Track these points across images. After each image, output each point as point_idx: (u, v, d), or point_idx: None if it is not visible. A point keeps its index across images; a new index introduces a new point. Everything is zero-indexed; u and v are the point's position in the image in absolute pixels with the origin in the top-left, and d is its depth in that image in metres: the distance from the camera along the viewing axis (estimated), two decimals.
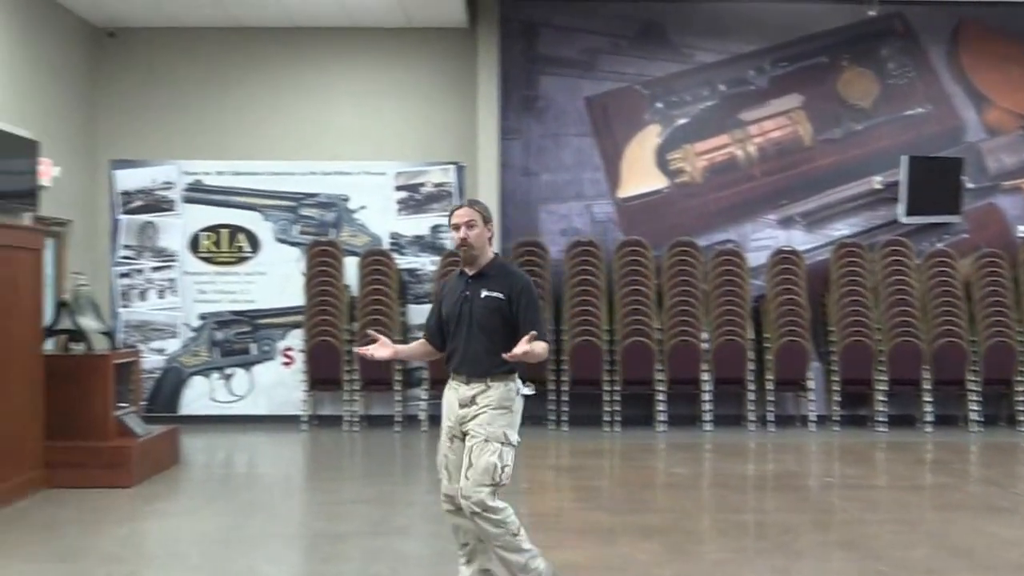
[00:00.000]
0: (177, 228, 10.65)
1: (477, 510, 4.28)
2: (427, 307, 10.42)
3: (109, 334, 8.20)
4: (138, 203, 10.64)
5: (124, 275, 10.58)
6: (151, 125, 10.84)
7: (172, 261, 10.64)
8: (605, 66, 10.88)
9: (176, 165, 10.68)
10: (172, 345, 10.60)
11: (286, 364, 10.63)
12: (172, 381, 10.56)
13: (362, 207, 10.72)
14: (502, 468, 4.30)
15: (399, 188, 10.75)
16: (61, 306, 7.91)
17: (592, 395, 10.35)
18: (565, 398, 10.32)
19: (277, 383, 10.64)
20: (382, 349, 4.50)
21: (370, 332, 4.73)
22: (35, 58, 9.49)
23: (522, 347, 4.20)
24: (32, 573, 5.22)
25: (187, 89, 10.87)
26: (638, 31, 10.87)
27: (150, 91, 10.86)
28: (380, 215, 10.73)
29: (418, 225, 10.75)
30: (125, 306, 10.57)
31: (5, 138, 7.95)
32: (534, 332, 4.23)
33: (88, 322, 7.88)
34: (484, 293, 4.40)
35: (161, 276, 10.59)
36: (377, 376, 10.24)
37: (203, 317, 10.61)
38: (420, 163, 10.80)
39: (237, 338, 10.65)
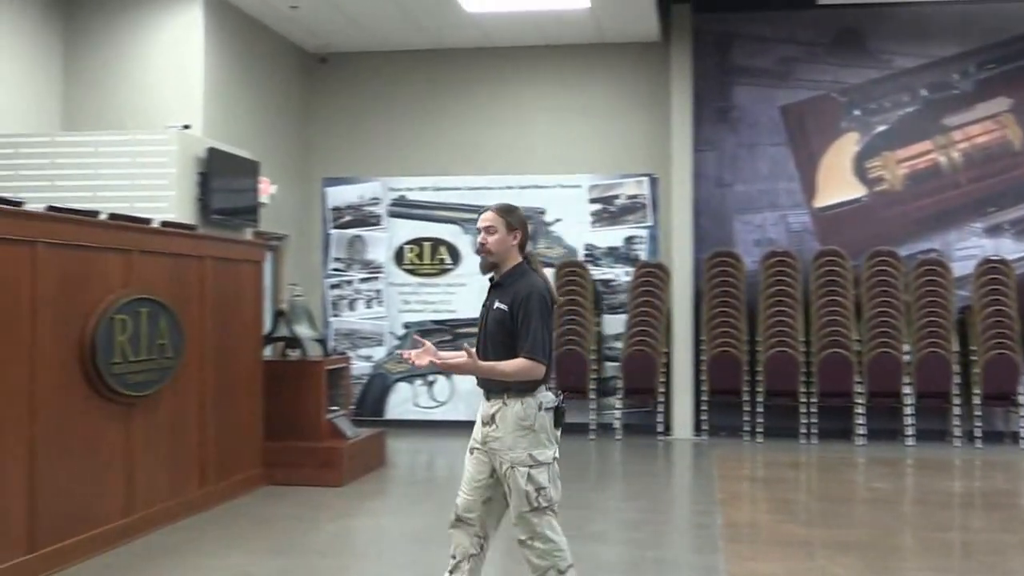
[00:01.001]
0: (383, 241, 11.20)
1: (523, 537, 4.04)
2: (622, 318, 10.64)
3: (322, 341, 8.73)
4: (347, 218, 11.24)
5: (335, 286, 11.20)
6: (359, 144, 11.48)
7: (378, 273, 11.19)
8: (800, 74, 10.76)
9: (382, 182, 11.23)
10: (378, 352, 11.12)
11: None
12: (378, 386, 11.09)
13: (557, 220, 10.96)
14: (536, 491, 3.98)
15: (593, 201, 10.94)
16: (279, 315, 8.48)
17: (787, 407, 10.23)
18: (760, 409, 10.25)
19: (476, 390, 10.89)
20: (423, 356, 4.13)
21: (416, 338, 4.43)
22: (255, 84, 10.23)
23: (449, 357, 4.04)
24: (251, 565, 5.61)
25: (392, 110, 11.44)
26: (834, 38, 10.69)
27: (358, 112, 11.50)
28: (575, 227, 10.95)
29: (612, 237, 10.90)
30: (336, 315, 11.18)
31: (232, 159, 8.60)
32: (495, 364, 3.98)
33: (303, 330, 8.43)
34: (496, 304, 4.11)
35: (368, 287, 11.15)
36: (572, 384, 10.45)
37: (407, 326, 11.10)
38: (614, 176, 10.96)
39: (439, 346, 11.01)
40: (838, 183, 10.65)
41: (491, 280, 4.22)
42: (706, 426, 10.49)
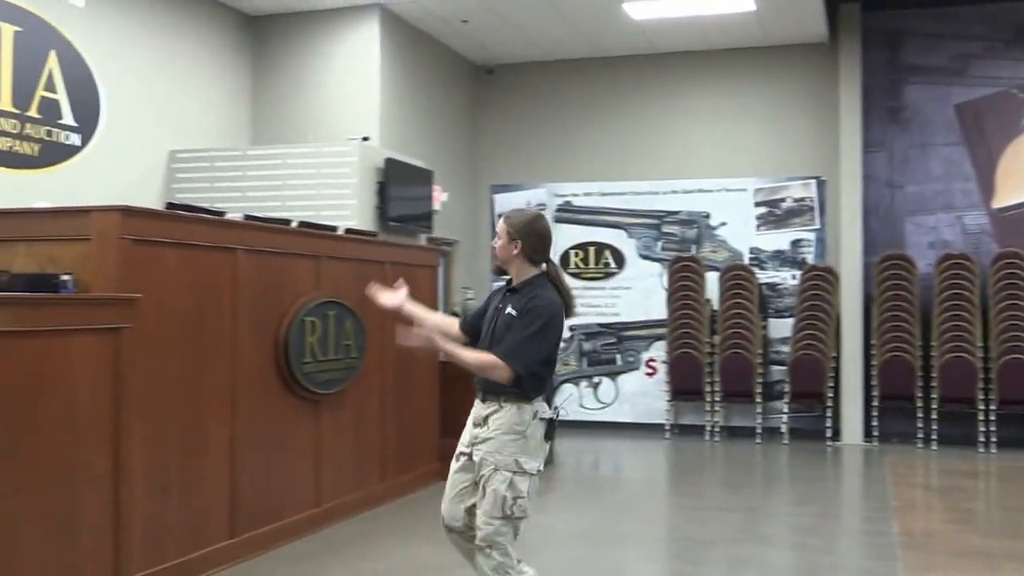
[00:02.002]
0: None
1: (482, 545, 3.94)
2: (788, 321, 10.55)
3: None
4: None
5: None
6: (525, 152, 11.76)
7: None
8: (977, 71, 10.42)
9: (548, 188, 11.47)
10: None
11: (649, 374, 11.07)
12: None
13: (722, 223, 10.96)
14: (513, 499, 3.89)
15: (759, 204, 10.88)
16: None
17: (963, 414, 9.94)
18: (934, 416, 9.99)
19: (641, 392, 11.09)
20: (392, 297, 4.23)
21: (401, 281, 4.43)
22: (427, 96, 10.64)
23: (418, 313, 4.15)
24: (431, 555, 5.82)
25: (557, 117, 11.68)
26: (1015, 33, 10.32)
27: (524, 121, 11.79)
28: (740, 230, 10.92)
29: (778, 240, 10.82)
30: None
31: (407, 169, 8.98)
32: (482, 352, 3.94)
33: None
34: (508, 309, 4.03)
35: None
36: (739, 388, 10.45)
37: (572, 329, 11.28)
38: (780, 178, 10.88)
39: (604, 349, 11.23)
40: (1018, 183, 10.27)
41: (508, 283, 4.18)
42: (876, 432, 10.29)
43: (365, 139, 8.76)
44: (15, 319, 4.14)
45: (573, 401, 11.23)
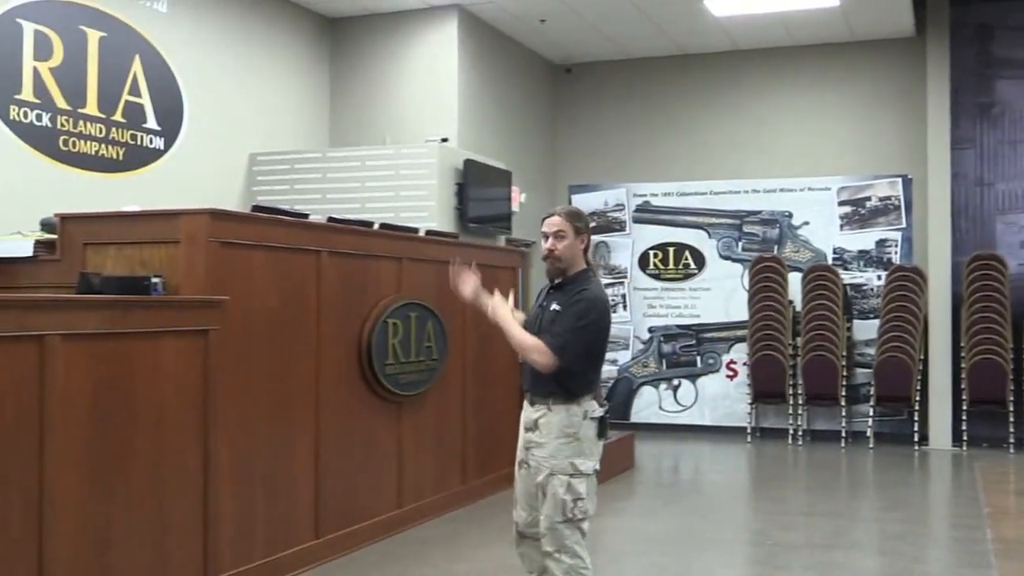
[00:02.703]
0: (627, 247, 11.33)
1: (549, 549, 3.88)
2: (873, 323, 10.32)
3: None
4: (592, 224, 11.38)
5: None
6: (603, 151, 11.69)
7: (623, 278, 11.34)
8: None
9: (626, 188, 11.36)
10: (623, 356, 11.26)
11: (730, 377, 10.92)
12: (623, 390, 11.21)
13: (805, 223, 10.75)
14: (574, 502, 3.84)
15: (842, 203, 10.65)
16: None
17: None
18: None
19: (722, 395, 10.94)
20: (467, 281, 4.14)
21: (474, 265, 4.24)
22: (504, 96, 10.63)
23: (497, 300, 4.00)
24: (509, 557, 5.52)
25: (636, 116, 11.59)
26: None
27: (602, 120, 11.73)
28: (823, 230, 10.69)
29: (863, 240, 10.58)
30: None
31: (486, 170, 8.97)
32: (542, 340, 3.81)
33: None
34: (553, 306, 3.93)
35: (613, 292, 11.30)
36: (822, 391, 10.25)
37: (651, 330, 11.18)
38: (864, 177, 10.64)
39: (683, 351, 11.10)
40: None
41: (551, 282, 4.09)
42: (965, 436, 10.00)
43: (444, 140, 8.77)
44: (107, 321, 4.20)
45: (652, 404, 11.12)
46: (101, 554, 4.15)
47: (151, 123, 7.92)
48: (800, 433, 10.43)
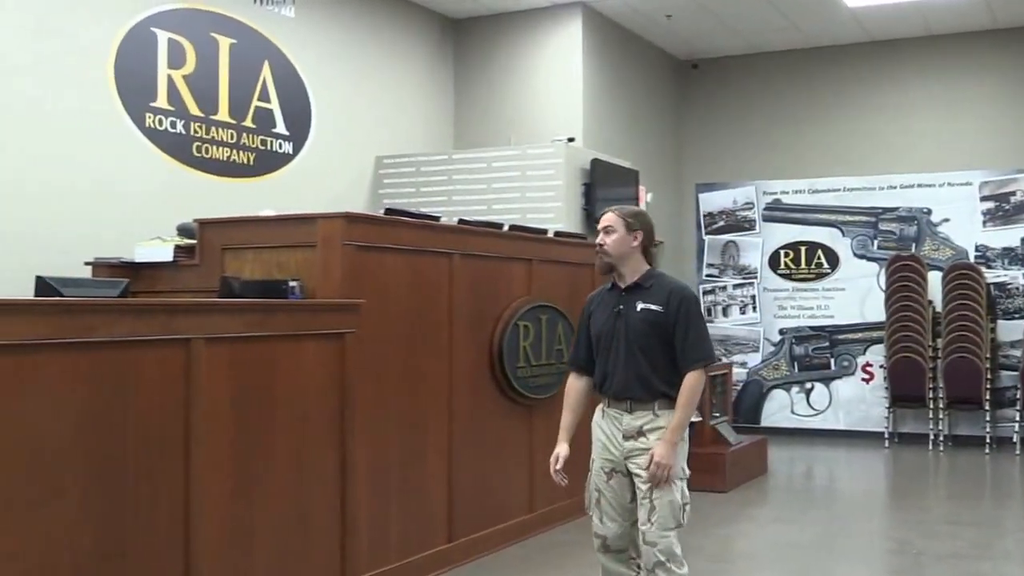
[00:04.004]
0: (757, 246, 11.05)
1: (662, 559, 3.77)
2: (1019, 324, 9.83)
3: None
4: (720, 223, 11.19)
5: (708, 292, 11.18)
6: (732, 149, 11.44)
7: (752, 278, 11.06)
8: None
9: (756, 185, 11.07)
10: (753, 359, 10.98)
11: (866, 380, 10.53)
12: (753, 393, 10.93)
13: (944, 220, 10.30)
14: (683, 506, 3.81)
15: (985, 198, 10.17)
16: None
17: None
18: None
19: (857, 399, 10.56)
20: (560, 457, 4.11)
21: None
22: (629, 94, 10.49)
23: (652, 469, 3.75)
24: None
25: (764, 111, 11.31)
26: None
27: (730, 116, 11.48)
28: (964, 227, 10.23)
29: (1007, 237, 10.08)
30: (710, 321, 11.14)
31: (613, 169, 8.85)
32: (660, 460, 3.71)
33: None
34: (640, 306, 3.84)
35: (742, 292, 11.04)
36: (965, 394, 9.80)
37: (782, 332, 10.88)
38: (1008, 171, 10.14)
39: (816, 353, 10.76)
40: None
41: (614, 286, 4.00)
42: None
43: (570, 140, 8.67)
44: (248, 325, 4.23)
45: (784, 407, 10.81)
46: (244, 553, 4.18)
47: (280, 128, 8.02)
48: (941, 439, 10.00)
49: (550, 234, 6.88)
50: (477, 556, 5.77)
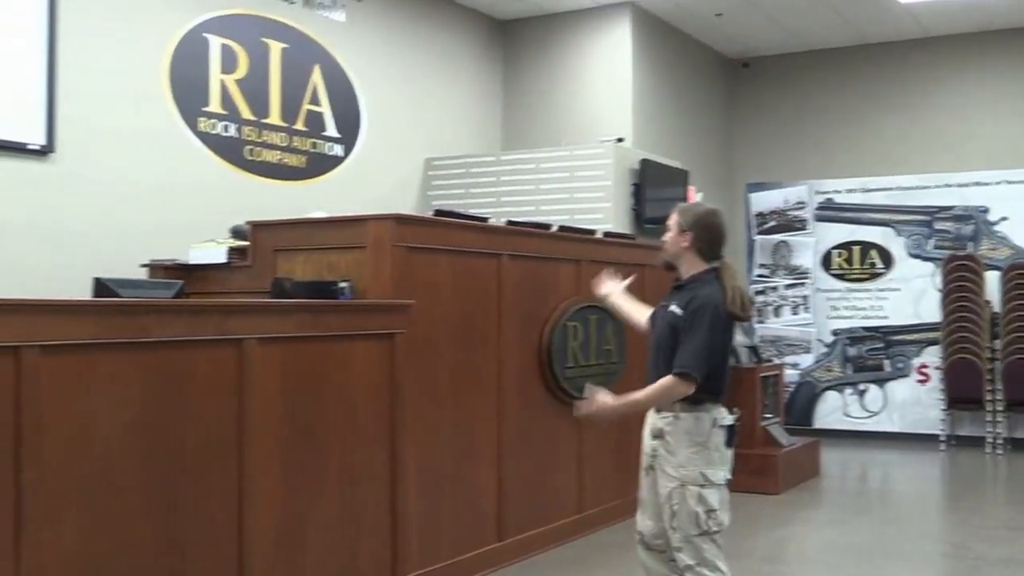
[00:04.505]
0: (809, 246, 10.93)
1: (691, 563, 3.71)
2: None
3: (754, 348, 8.67)
4: (772, 223, 11.09)
5: (759, 292, 11.08)
6: (783, 148, 11.34)
7: (804, 278, 10.94)
8: None
9: (808, 185, 10.95)
10: (805, 360, 10.86)
11: (921, 381, 10.38)
12: (805, 395, 10.81)
13: (1003, 218, 10.10)
14: (707, 513, 3.68)
15: None
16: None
17: None
18: None
19: (912, 400, 10.40)
20: (605, 286, 4.29)
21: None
22: (679, 93, 10.44)
23: (593, 403, 3.84)
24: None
25: (817, 110, 11.20)
26: None
27: (781, 115, 11.38)
28: (1023, 226, 10.06)
29: None
30: (760, 322, 11.05)
31: (662, 169, 8.81)
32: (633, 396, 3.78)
33: (737, 337, 8.41)
34: (671, 306, 3.84)
35: (794, 293, 10.94)
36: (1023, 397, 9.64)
37: (835, 333, 10.74)
38: None
39: (870, 354, 10.62)
40: None
41: (675, 281, 3.97)
42: None
43: (619, 140, 8.65)
44: (300, 325, 4.27)
45: (837, 409, 10.69)
46: (296, 550, 4.22)
47: (331, 131, 8.09)
48: (999, 442, 9.81)
49: (599, 235, 6.87)
50: (526, 556, 5.77)
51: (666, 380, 3.72)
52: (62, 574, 3.31)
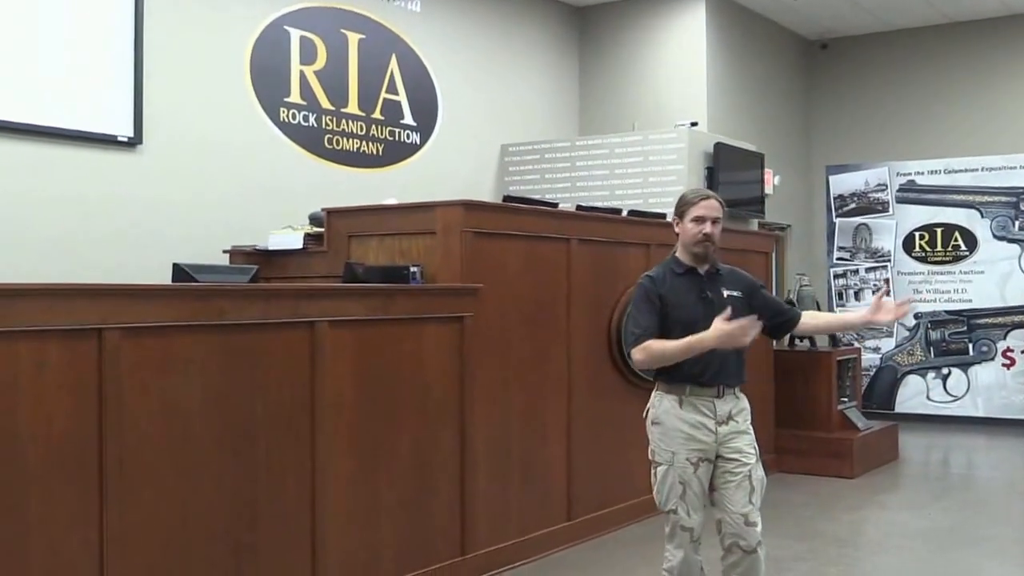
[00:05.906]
0: (890, 229, 10.77)
1: (761, 538, 3.82)
2: None
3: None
4: (851, 206, 10.95)
5: (839, 275, 10.96)
6: (863, 129, 11.20)
7: (885, 261, 10.79)
8: None
9: (889, 166, 10.79)
10: (886, 344, 10.72)
11: (1007, 365, 10.17)
12: (887, 379, 10.68)
13: None
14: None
15: None
16: (788, 305, 8.49)
17: None
18: None
19: (997, 385, 10.21)
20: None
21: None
22: (755, 76, 10.37)
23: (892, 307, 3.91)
24: (774, 548, 5.68)
25: (897, 90, 11.03)
26: None
27: (860, 96, 11.24)
28: None
29: None
30: (841, 305, 10.92)
31: (737, 153, 8.79)
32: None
33: None
34: (727, 293, 3.81)
35: (875, 276, 10.79)
36: None
37: (917, 316, 10.58)
38: None
39: (952, 338, 10.44)
40: None
41: (688, 271, 3.84)
42: None
43: (694, 124, 8.65)
44: (371, 309, 4.43)
45: (919, 394, 10.53)
46: (368, 526, 4.39)
47: (408, 119, 8.25)
48: None
49: (669, 219, 6.88)
50: (596, 534, 5.86)
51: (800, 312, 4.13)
52: (142, 543, 3.52)
